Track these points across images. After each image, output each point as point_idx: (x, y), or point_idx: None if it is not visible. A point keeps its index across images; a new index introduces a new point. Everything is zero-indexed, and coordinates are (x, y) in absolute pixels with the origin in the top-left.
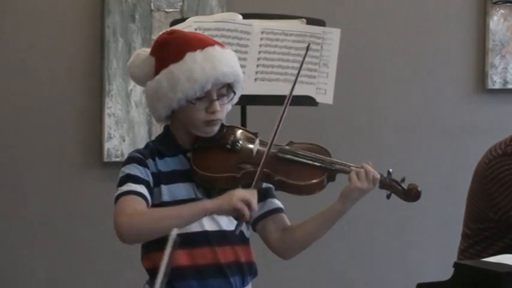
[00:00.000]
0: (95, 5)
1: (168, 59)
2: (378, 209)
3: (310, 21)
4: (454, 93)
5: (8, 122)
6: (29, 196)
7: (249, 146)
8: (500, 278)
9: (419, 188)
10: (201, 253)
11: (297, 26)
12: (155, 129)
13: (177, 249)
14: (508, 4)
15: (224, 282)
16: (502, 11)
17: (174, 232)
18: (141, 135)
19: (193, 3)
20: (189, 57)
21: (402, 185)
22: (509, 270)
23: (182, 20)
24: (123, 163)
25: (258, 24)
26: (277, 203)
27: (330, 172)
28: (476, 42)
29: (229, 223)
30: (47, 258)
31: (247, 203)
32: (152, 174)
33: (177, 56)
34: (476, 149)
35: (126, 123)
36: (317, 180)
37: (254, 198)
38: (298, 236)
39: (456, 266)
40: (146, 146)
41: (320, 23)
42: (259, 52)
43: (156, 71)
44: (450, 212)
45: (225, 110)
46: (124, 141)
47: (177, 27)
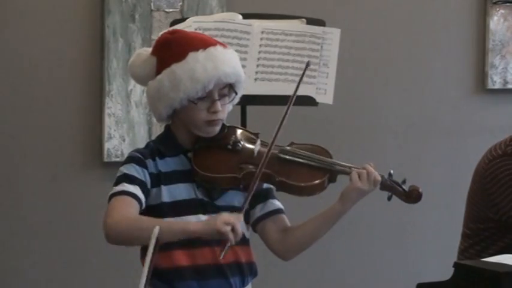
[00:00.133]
0: (95, 5)
1: (170, 58)
2: (377, 209)
3: (310, 21)
4: (454, 93)
5: (8, 122)
6: (29, 196)
7: (250, 146)
8: (500, 278)
9: (420, 190)
10: (201, 253)
11: (297, 26)
12: (155, 129)
13: (176, 250)
14: (508, 4)
15: (224, 283)
16: (502, 11)
17: (156, 229)
18: (141, 135)
19: (193, 3)
20: (191, 57)
21: (403, 186)
22: (509, 270)
23: (182, 20)
24: (123, 162)
25: (258, 24)
26: (278, 204)
27: (331, 173)
28: (476, 42)
29: None
30: (47, 258)
31: (231, 227)
32: (151, 174)
33: (179, 56)
34: (476, 149)
35: (126, 123)
36: (318, 181)
37: (239, 222)
38: (298, 237)
39: (456, 266)
40: (147, 145)
41: (320, 23)
42: (259, 52)
43: (157, 71)
44: (450, 212)
45: (226, 110)
46: (124, 141)
47: (177, 27)
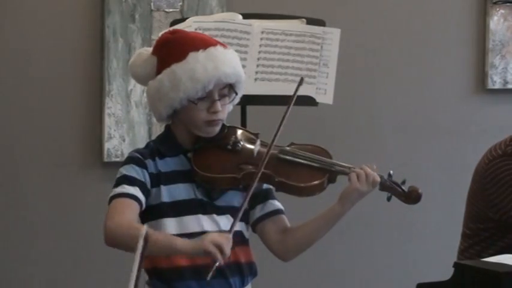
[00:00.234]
0: (95, 5)
1: (170, 58)
2: (377, 208)
3: (310, 21)
4: (454, 93)
5: (8, 122)
6: (29, 196)
7: (250, 146)
8: (500, 278)
9: (419, 191)
10: None
11: (297, 26)
12: (155, 129)
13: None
14: (508, 4)
15: (224, 283)
16: (502, 11)
17: (143, 230)
18: (141, 135)
19: (193, 3)
20: (192, 57)
21: (403, 187)
22: (509, 270)
23: (182, 20)
24: (122, 163)
25: (258, 24)
26: (278, 205)
27: (331, 174)
28: (476, 42)
29: (228, 224)
30: (47, 258)
31: (219, 248)
32: (151, 174)
33: (180, 56)
34: (476, 149)
35: (126, 123)
36: (317, 181)
37: (228, 242)
38: (298, 238)
39: (456, 266)
40: (147, 145)
41: (320, 23)
42: (259, 52)
43: (158, 71)
44: (450, 212)
45: (227, 110)
46: (124, 141)
47: (177, 27)
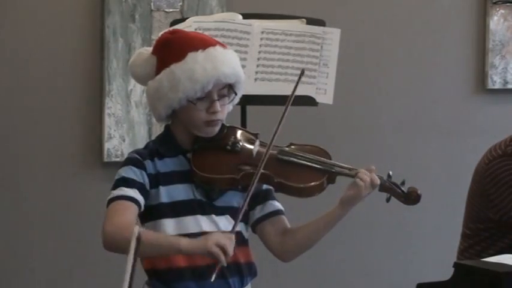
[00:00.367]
0: (95, 5)
1: (169, 58)
2: (377, 209)
3: (310, 21)
4: (454, 93)
5: (8, 122)
6: (29, 196)
7: (249, 147)
8: (500, 278)
9: (419, 192)
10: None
11: (297, 26)
12: (155, 129)
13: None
14: (508, 4)
15: (223, 283)
16: (502, 11)
17: (136, 229)
18: (141, 135)
19: (193, 3)
20: (191, 57)
21: (402, 188)
22: (509, 270)
23: (182, 20)
24: (121, 164)
25: (258, 24)
26: (277, 205)
27: (330, 174)
28: (476, 42)
29: (227, 224)
30: (47, 258)
31: (222, 248)
32: (150, 175)
33: (179, 56)
34: (476, 149)
35: (126, 123)
36: (317, 182)
37: (231, 243)
38: (297, 239)
39: (456, 266)
40: (146, 146)
41: (320, 23)
42: (259, 52)
43: (157, 71)
44: (450, 212)
45: (226, 110)
46: (124, 141)
47: (177, 27)
